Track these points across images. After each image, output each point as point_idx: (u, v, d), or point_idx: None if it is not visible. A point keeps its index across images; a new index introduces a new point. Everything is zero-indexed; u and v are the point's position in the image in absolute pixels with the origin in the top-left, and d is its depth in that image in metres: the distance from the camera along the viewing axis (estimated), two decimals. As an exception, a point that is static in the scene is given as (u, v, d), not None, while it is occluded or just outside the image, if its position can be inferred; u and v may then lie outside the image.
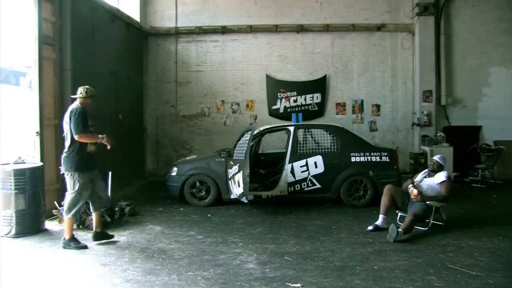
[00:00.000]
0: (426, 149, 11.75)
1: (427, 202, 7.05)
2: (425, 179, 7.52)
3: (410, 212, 6.98)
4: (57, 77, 8.35)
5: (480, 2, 12.81)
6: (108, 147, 6.59)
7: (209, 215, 8.43)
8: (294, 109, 12.62)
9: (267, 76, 12.92)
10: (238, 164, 8.49)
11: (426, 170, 7.79)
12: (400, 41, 12.88)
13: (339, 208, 8.91)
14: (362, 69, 13.01)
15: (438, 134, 12.09)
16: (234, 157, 8.90)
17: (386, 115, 13.04)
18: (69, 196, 6.41)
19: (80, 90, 6.55)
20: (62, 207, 7.11)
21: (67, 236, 6.35)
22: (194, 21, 12.93)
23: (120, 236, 6.94)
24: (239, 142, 9.01)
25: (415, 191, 7.04)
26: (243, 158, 8.28)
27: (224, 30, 12.84)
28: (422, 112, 12.49)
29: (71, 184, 6.40)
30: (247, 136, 8.69)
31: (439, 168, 7.51)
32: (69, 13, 8.58)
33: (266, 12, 12.90)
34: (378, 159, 9.20)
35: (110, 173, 8.08)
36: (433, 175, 7.48)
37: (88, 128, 6.46)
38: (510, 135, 12.69)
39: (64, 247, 6.30)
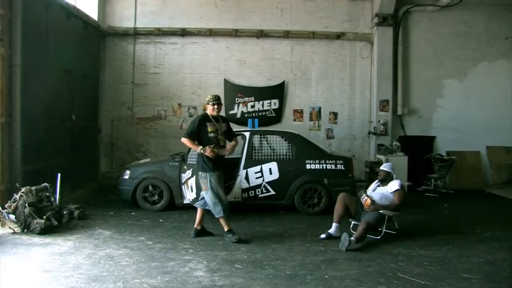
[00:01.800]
0: (382, 158, 12.17)
1: (380, 211, 7.29)
2: (378, 188, 7.80)
3: (363, 220, 7.19)
4: (5, 74, 8.28)
5: (437, 16, 13.49)
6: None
7: (161, 220, 8.56)
8: (251, 115, 12.97)
9: (225, 81, 13.20)
10: (192, 169, 8.64)
11: (377, 180, 8.05)
12: (359, 50, 13.41)
13: (293, 216, 9.17)
14: (320, 76, 13.46)
15: (394, 144, 12.57)
16: (188, 162, 9.06)
17: (343, 123, 13.51)
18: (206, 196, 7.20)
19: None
20: (5, 210, 7.16)
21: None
22: (153, 22, 13.11)
23: (67, 240, 6.95)
24: (193, 146, 9.15)
25: (368, 201, 7.31)
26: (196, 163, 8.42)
27: (183, 33, 13.07)
28: (379, 121, 13.01)
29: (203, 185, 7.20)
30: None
31: (387, 176, 7.78)
32: (20, 6, 8.46)
33: (226, 16, 13.20)
34: (333, 167, 9.52)
35: (59, 175, 8.09)
36: (385, 184, 7.74)
37: (194, 134, 7.15)
38: (462, 146, 13.49)
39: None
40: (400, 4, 13.04)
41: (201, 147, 7.01)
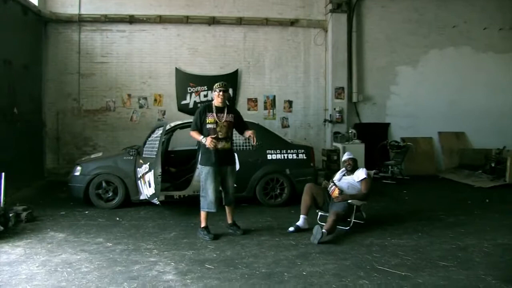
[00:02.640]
0: (339, 146, 12.23)
1: (349, 201, 7.20)
2: (344, 177, 7.74)
3: (332, 211, 7.06)
4: None
5: (389, 3, 13.72)
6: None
7: (117, 218, 8.17)
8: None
9: (177, 70, 12.89)
10: (148, 163, 8.34)
11: (343, 169, 7.98)
12: (313, 37, 13.39)
13: (255, 208, 8.98)
14: (274, 64, 13.36)
15: (350, 131, 12.69)
16: (143, 155, 8.73)
17: (298, 112, 13.50)
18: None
19: None
20: None
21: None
22: (100, 9, 12.58)
23: (16, 247, 6.40)
24: (149, 139, 8.82)
25: (336, 191, 7.22)
26: (154, 156, 8.06)
27: (131, 20, 12.63)
28: (334, 109, 13.07)
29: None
30: (158, 133, 8.53)
31: (355, 164, 7.77)
32: None
33: (176, 2, 12.86)
34: (294, 156, 9.38)
35: (2, 174, 7.55)
36: (351, 173, 7.70)
37: (197, 125, 6.92)
38: (416, 132, 13.81)
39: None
40: (353, -10, 13.09)
41: (202, 136, 6.81)
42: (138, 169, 8.74)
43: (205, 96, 12.79)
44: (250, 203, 9.18)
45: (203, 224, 7.00)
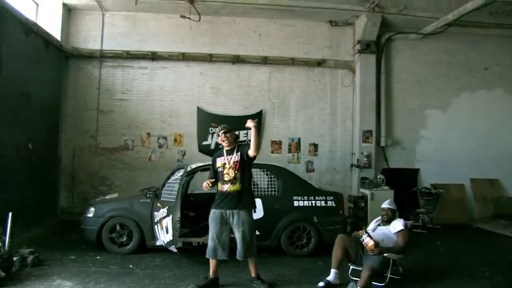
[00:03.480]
0: (366, 192, 11.49)
1: (384, 255, 6.50)
2: (378, 227, 7.04)
3: (366, 266, 6.34)
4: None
5: (419, 44, 13.13)
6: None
7: (131, 266, 7.49)
8: (226, 145, 11.91)
9: (199, 109, 12.34)
10: (167, 207, 7.69)
11: (379, 218, 7.29)
12: (340, 78, 12.81)
13: (279, 259, 8.22)
14: (300, 105, 12.77)
15: (378, 177, 11.95)
16: (162, 198, 8.09)
17: (324, 155, 12.79)
18: None
19: None
20: None
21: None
22: (122, 45, 12.21)
23: (17, 296, 5.80)
24: (168, 181, 8.19)
25: (371, 243, 6.45)
26: (173, 200, 7.41)
27: (154, 57, 12.20)
28: (362, 153, 12.37)
29: None
30: (178, 174, 7.92)
31: (393, 215, 7.10)
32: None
33: (201, 40, 12.40)
34: (323, 203, 8.66)
35: (10, 214, 6.94)
36: (386, 224, 7.05)
37: (212, 173, 6.70)
38: (446, 178, 12.94)
39: None
40: (382, 31, 12.55)
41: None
42: (156, 213, 8.08)
43: (228, 136, 12.08)
44: (273, 253, 8.41)
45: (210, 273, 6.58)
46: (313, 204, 8.60)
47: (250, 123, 6.13)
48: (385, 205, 7.23)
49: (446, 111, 13.14)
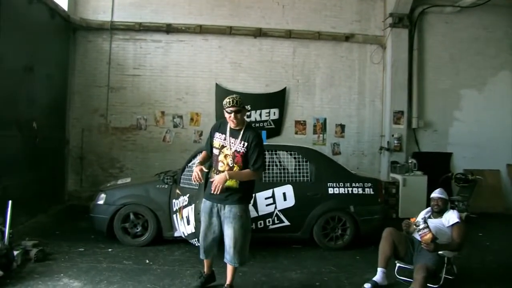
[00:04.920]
0: (398, 177, 10.42)
1: (439, 252, 5.49)
2: (429, 220, 5.91)
3: (420, 265, 5.28)
4: None
5: (454, 19, 11.89)
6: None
7: (147, 261, 6.43)
8: (247, 126, 10.84)
9: (217, 86, 11.20)
10: (188, 195, 6.65)
11: (428, 209, 6.20)
12: (370, 54, 11.63)
13: (312, 252, 7.23)
14: (326, 83, 11.59)
15: (410, 161, 10.91)
16: (181, 185, 7.00)
17: (351, 137, 11.67)
18: None
19: None
20: None
21: None
22: (134, 16, 11.03)
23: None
24: (189, 164, 7.08)
25: (429, 235, 5.35)
26: (196, 187, 6.33)
27: (169, 29, 11.04)
28: (393, 135, 11.25)
29: None
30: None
31: (445, 205, 6.01)
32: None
33: (219, 12, 11.24)
34: (360, 191, 7.57)
35: (10, 202, 5.91)
36: (438, 216, 5.96)
37: (208, 146, 5.30)
38: (481, 164, 11.81)
39: None
40: (415, 3, 11.33)
41: (198, 161, 5.16)
42: (174, 200, 7.04)
43: (248, 116, 10.98)
44: (304, 245, 7.43)
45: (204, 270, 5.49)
46: (350, 192, 7.51)
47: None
48: (435, 194, 6.12)
49: (482, 91, 11.93)
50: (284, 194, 7.22)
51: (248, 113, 10.98)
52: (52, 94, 9.77)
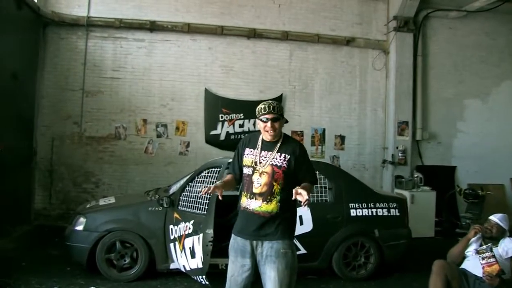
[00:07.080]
0: (404, 193, 9.26)
1: None
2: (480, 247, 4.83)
3: None
4: None
5: (458, 24, 11.06)
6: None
7: (138, 301, 5.01)
8: (238, 136, 9.66)
9: (206, 91, 9.95)
10: (192, 221, 5.28)
11: (479, 235, 5.02)
12: (372, 59, 10.60)
13: (331, 284, 6.12)
14: (325, 90, 10.50)
15: (415, 175, 9.84)
16: (181, 207, 5.61)
17: (351, 149, 10.57)
18: None
19: None
20: None
21: None
22: (114, 12, 9.68)
23: None
24: (191, 183, 5.72)
25: (495, 266, 4.38)
26: (203, 213, 4.98)
27: (153, 27, 9.73)
28: (397, 148, 10.18)
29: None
30: (209, 174, 5.49)
31: (499, 234, 4.96)
32: None
33: (209, 9, 10.00)
34: (385, 212, 6.47)
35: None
36: (490, 242, 4.84)
37: (235, 167, 3.96)
38: (484, 178, 10.86)
39: None
40: (420, 7, 10.36)
41: (220, 182, 3.74)
42: (172, 226, 5.69)
43: (241, 126, 9.84)
44: (320, 275, 6.29)
45: None
46: (374, 213, 6.40)
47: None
48: (494, 218, 5.07)
49: (486, 101, 11.10)
50: (300, 217, 5.89)
51: (240, 121, 9.81)
52: (18, 98, 8.31)
